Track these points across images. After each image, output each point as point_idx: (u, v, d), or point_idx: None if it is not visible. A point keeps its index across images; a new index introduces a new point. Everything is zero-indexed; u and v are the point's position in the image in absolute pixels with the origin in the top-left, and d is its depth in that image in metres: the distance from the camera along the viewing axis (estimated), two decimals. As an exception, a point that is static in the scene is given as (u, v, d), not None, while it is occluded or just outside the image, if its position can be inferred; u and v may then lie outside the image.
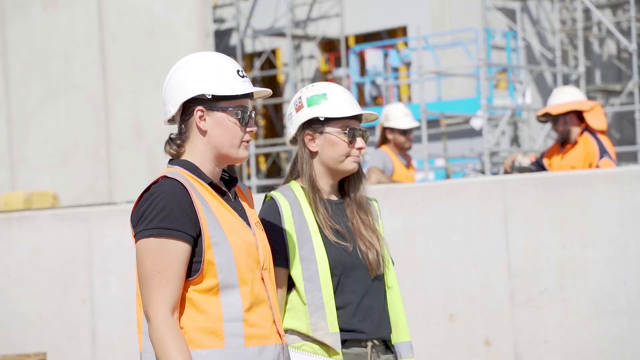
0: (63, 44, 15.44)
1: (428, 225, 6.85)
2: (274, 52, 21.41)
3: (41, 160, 15.49)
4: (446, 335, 6.80)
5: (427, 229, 6.84)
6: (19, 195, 9.69)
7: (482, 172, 14.74)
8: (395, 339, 3.87)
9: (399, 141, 8.70)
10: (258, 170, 20.71)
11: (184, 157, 3.40)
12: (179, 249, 3.23)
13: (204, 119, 3.37)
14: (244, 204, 3.49)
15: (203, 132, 3.38)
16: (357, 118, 3.87)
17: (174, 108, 3.40)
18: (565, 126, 7.64)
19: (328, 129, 3.83)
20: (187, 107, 3.39)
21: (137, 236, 3.25)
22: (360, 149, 3.83)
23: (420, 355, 6.60)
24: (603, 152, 7.49)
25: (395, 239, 6.54)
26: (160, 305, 3.19)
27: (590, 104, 7.65)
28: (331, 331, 3.72)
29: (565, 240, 6.43)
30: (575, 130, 7.62)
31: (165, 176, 3.31)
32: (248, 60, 21.24)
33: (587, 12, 19.36)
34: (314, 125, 3.85)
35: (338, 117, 3.81)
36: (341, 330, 3.75)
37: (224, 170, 3.51)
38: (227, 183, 3.50)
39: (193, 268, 3.28)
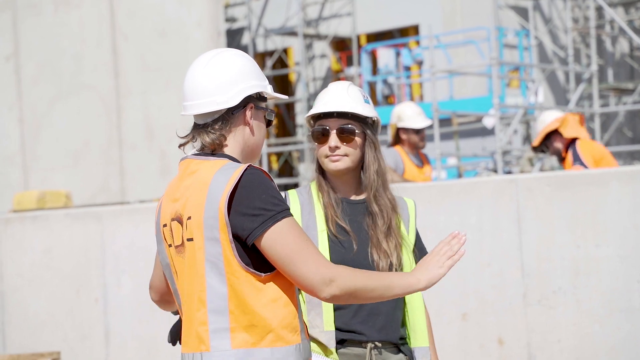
0: (74, 44, 15.46)
1: (440, 224, 6.83)
2: (285, 51, 21.41)
3: (53, 160, 15.51)
4: (459, 335, 6.78)
5: (440, 228, 6.82)
6: (32, 194, 9.71)
7: (495, 170, 14.72)
8: (413, 343, 3.85)
9: (414, 141, 8.68)
10: (270, 169, 20.71)
11: (224, 151, 3.30)
12: None
13: (251, 116, 3.32)
14: None
15: (251, 129, 3.32)
16: (339, 116, 3.81)
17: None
18: (552, 148, 8.63)
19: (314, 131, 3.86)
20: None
21: (269, 221, 3.13)
22: (331, 147, 3.78)
23: (433, 354, 6.58)
24: (575, 159, 8.40)
25: (408, 238, 6.52)
26: (326, 263, 3.14)
27: (558, 121, 8.58)
28: (326, 329, 3.70)
29: (579, 239, 6.41)
30: (560, 147, 8.58)
31: (251, 165, 3.22)
32: (260, 59, 21.24)
33: (599, 10, 19.32)
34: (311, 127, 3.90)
35: (310, 116, 3.84)
36: (340, 330, 3.73)
37: None
38: None
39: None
